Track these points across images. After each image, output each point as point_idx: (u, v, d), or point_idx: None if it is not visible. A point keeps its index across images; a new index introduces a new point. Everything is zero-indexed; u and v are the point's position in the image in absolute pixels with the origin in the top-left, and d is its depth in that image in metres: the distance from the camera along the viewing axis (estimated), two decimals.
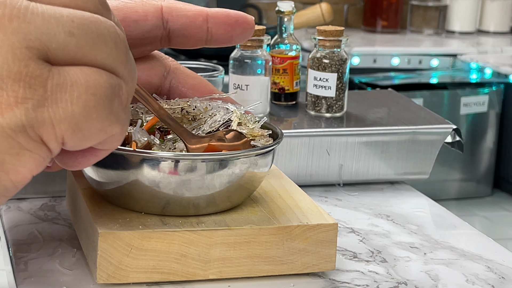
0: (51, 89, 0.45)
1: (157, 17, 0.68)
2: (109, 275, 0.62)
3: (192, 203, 0.64)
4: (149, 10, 0.67)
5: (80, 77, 0.46)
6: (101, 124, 0.47)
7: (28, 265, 0.67)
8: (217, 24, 0.68)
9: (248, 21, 0.68)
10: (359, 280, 0.69)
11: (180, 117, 0.68)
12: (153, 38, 0.68)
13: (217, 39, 0.68)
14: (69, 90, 0.46)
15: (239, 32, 0.68)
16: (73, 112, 0.46)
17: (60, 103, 0.45)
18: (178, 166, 0.62)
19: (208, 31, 0.68)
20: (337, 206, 0.87)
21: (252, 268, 0.65)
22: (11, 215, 0.78)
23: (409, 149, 0.94)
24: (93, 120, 0.47)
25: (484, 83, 2.76)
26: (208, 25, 0.68)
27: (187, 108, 0.68)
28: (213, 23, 0.68)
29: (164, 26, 0.68)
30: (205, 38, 0.68)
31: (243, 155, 0.64)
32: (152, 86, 0.71)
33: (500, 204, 2.84)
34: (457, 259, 0.74)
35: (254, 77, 0.96)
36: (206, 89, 0.72)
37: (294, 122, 0.97)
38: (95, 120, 0.47)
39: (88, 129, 0.47)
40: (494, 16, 3.15)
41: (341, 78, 0.97)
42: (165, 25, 0.68)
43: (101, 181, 0.65)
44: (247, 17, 0.68)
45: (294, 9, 1.03)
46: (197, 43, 0.69)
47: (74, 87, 0.46)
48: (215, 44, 0.69)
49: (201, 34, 0.68)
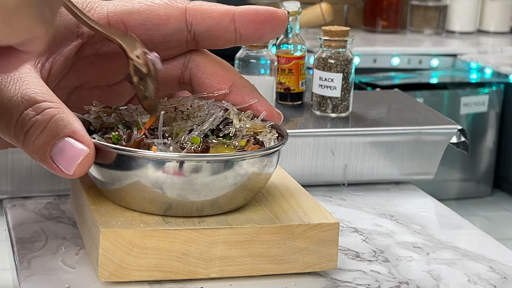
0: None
1: (180, 21, 0.66)
2: (111, 273, 0.63)
3: (195, 206, 0.64)
4: (172, 13, 0.66)
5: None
6: (29, 22, 0.47)
7: (31, 263, 0.68)
8: (245, 24, 0.66)
9: (279, 16, 0.66)
10: (361, 280, 0.69)
11: (173, 117, 0.67)
12: (177, 41, 0.67)
13: (247, 38, 0.67)
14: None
15: (270, 29, 0.66)
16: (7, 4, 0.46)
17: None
18: (183, 167, 0.62)
19: (236, 31, 0.66)
20: (341, 206, 0.87)
21: (254, 267, 0.65)
22: (16, 213, 0.79)
23: (414, 150, 0.94)
24: (23, 15, 0.47)
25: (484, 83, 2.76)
26: (236, 25, 0.66)
27: (181, 108, 0.67)
28: (241, 22, 0.66)
29: (189, 29, 0.67)
30: (234, 38, 0.67)
31: (249, 156, 0.64)
32: (174, 78, 0.70)
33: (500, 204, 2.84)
34: (460, 259, 0.74)
35: (260, 77, 0.96)
36: (226, 77, 0.69)
37: (299, 122, 0.97)
38: (25, 15, 0.47)
39: (17, 24, 0.47)
40: (494, 16, 3.15)
41: (346, 78, 0.97)
42: (189, 28, 0.67)
43: (104, 181, 0.66)
44: (277, 12, 0.66)
45: (300, 9, 1.03)
46: (226, 43, 0.67)
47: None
48: (246, 43, 0.68)
49: (229, 35, 0.66)
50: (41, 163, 0.61)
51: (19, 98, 0.61)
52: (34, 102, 0.61)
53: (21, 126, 0.61)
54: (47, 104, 0.61)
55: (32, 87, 0.62)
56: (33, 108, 0.61)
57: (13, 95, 0.61)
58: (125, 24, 0.67)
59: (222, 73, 0.69)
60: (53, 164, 0.61)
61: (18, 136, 0.61)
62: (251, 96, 0.69)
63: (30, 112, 0.61)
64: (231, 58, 0.99)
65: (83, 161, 0.60)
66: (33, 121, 0.61)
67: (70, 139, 0.61)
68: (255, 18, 0.66)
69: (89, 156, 0.61)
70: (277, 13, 0.66)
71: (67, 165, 0.61)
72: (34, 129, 0.61)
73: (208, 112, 0.67)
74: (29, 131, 0.61)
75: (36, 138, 0.61)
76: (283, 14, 0.66)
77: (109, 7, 0.67)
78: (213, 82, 0.69)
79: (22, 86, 0.62)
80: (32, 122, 0.61)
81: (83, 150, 0.60)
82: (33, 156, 0.61)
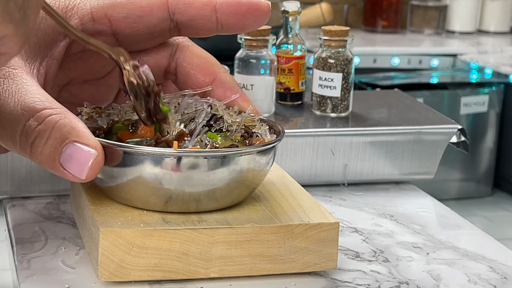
0: None
1: (163, 11, 0.67)
2: (110, 273, 0.63)
3: (193, 199, 0.64)
4: (154, 3, 0.67)
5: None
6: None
7: (31, 263, 0.68)
8: (226, 14, 0.66)
9: (261, 8, 0.66)
10: (361, 280, 0.69)
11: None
12: (161, 31, 0.68)
13: (228, 28, 0.67)
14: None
15: (251, 20, 0.67)
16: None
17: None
18: (181, 162, 0.63)
19: (217, 21, 0.66)
20: (341, 206, 0.87)
21: (253, 267, 0.65)
22: (16, 213, 0.79)
23: (414, 149, 0.93)
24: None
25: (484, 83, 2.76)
26: (217, 15, 0.66)
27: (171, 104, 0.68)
28: (222, 13, 0.66)
29: (171, 18, 0.67)
30: (216, 28, 0.67)
31: (245, 151, 0.64)
32: (161, 68, 0.71)
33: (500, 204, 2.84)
34: (460, 259, 0.74)
35: (259, 77, 0.96)
36: (210, 70, 0.70)
37: (299, 122, 0.97)
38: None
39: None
40: (494, 16, 3.15)
41: (346, 78, 0.97)
42: (172, 17, 0.67)
43: (103, 178, 0.66)
44: (259, 3, 0.66)
45: (300, 9, 1.03)
46: (208, 33, 0.68)
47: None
48: (228, 32, 0.68)
49: (210, 24, 0.67)
50: (52, 172, 0.62)
51: (19, 111, 0.61)
52: (34, 112, 0.61)
53: (26, 138, 0.61)
54: (48, 112, 0.61)
55: (30, 97, 0.61)
56: (34, 118, 0.61)
57: (13, 109, 0.61)
58: (109, 18, 0.67)
59: (207, 66, 0.70)
60: (64, 171, 0.61)
61: (25, 148, 0.61)
62: (233, 91, 0.70)
63: (32, 122, 0.61)
64: (231, 58, 0.99)
65: (94, 164, 0.61)
66: (37, 132, 0.61)
67: (77, 144, 0.61)
68: (237, 9, 0.66)
69: (98, 158, 0.61)
70: (259, 4, 0.66)
71: (79, 170, 0.61)
72: (39, 139, 0.61)
73: (196, 109, 0.68)
74: (34, 142, 0.61)
75: (42, 148, 0.61)
76: (266, 5, 0.66)
77: (92, 3, 0.67)
78: (198, 73, 0.70)
79: (20, 98, 0.61)
80: (35, 132, 0.61)
81: (92, 153, 0.61)
82: (44, 165, 0.61)
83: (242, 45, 0.97)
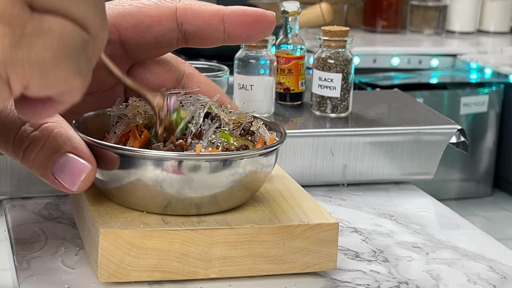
0: (29, 32, 0.45)
1: (172, 20, 0.67)
2: (110, 273, 0.63)
3: (194, 203, 0.64)
4: (163, 13, 0.67)
5: (56, 26, 0.46)
6: (66, 75, 0.47)
7: (31, 263, 0.68)
8: (233, 24, 0.67)
9: (267, 18, 0.67)
10: (361, 280, 0.69)
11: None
12: (169, 40, 0.68)
13: (234, 38, 0.67)
14: (44, 36, 0.46)
15: (257, 30, 0.67)
16: (44, 58, 0.46)
17: (34, 47, 0.46)
18: (182, 165, 0.62)
19: (225, 31, 0.67)
20: (341, 206, 0.87)
21: (253, 267, 0.65)
22: (15, 213, 0.79)
23: (414, 149, 0.94)
24: (60, 69, 0.47)
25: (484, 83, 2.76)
26: (225, 25, 0.67)
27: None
28: (230, 23, 0.67)
29: (179, 28, 0.67)
30: (223, 38, 0.67)
31: (247, 154, 0.64)
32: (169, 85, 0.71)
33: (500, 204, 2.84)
34: (459, 259, 0.74)
35: (259, 77, 0.96)
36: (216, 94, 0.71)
37: (299, 122, 0.97)
38: (62, 69, 0.47)
39: (54, 77, 0.47)
40: (494, 16, 3.15)
41: (346, 78, 0.97)
42: (180, 27, 0.67)
43: (104, 180, 0.66)
44: (265, 14, 0.67)
45: (300, 9, 1.03)
46: (215, 42, 0.68)
47: (49, 34, 0.46)
48: (234, 43, 0.68)
49: (217, 34, 0.67)
50: (42, 179, 0.62)
51: (15, 115, 0.61)
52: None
53: (19, 142, 0.61)
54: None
55: None
56: (30, 123, 0.61)
57: (10, 112, 0.61)
58: (118, 27, 0.67)
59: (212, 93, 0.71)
60: (55, 180, 0.61)
61: (16, 152, 0.61)
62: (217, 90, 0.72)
63: (27, 128, 0.61)
64: (230, 58, 0.99)
65: (86, 177, 0.61)
66: (31, 138, 0.61)
67: (72, 155, 0.61)
68: (244, 19, 0.67)
69: (92, 171, 0.61)
70: (265, 15, 0.67)
71: (71, 182, 0.61)
72: (33, 145, 0.61)
73: (188, 108, 0.68)
74: (28, 147, 0.61)
75: (36, 154, 0.61)
76: (271, 16, 0.67)
77: None
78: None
79: None
80: (30, 138, 0.61)
81: (86, 166, 0.61)
82: (35, 172, 0.61)
83: (242, 45, 0.97)
